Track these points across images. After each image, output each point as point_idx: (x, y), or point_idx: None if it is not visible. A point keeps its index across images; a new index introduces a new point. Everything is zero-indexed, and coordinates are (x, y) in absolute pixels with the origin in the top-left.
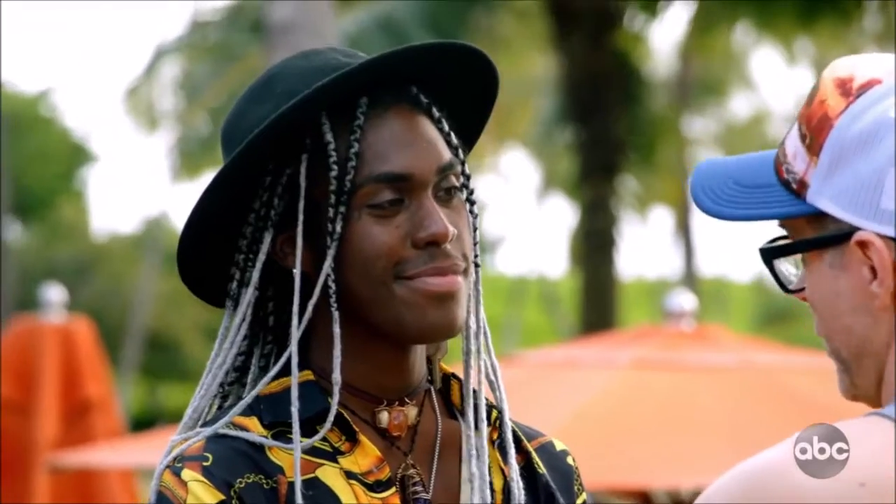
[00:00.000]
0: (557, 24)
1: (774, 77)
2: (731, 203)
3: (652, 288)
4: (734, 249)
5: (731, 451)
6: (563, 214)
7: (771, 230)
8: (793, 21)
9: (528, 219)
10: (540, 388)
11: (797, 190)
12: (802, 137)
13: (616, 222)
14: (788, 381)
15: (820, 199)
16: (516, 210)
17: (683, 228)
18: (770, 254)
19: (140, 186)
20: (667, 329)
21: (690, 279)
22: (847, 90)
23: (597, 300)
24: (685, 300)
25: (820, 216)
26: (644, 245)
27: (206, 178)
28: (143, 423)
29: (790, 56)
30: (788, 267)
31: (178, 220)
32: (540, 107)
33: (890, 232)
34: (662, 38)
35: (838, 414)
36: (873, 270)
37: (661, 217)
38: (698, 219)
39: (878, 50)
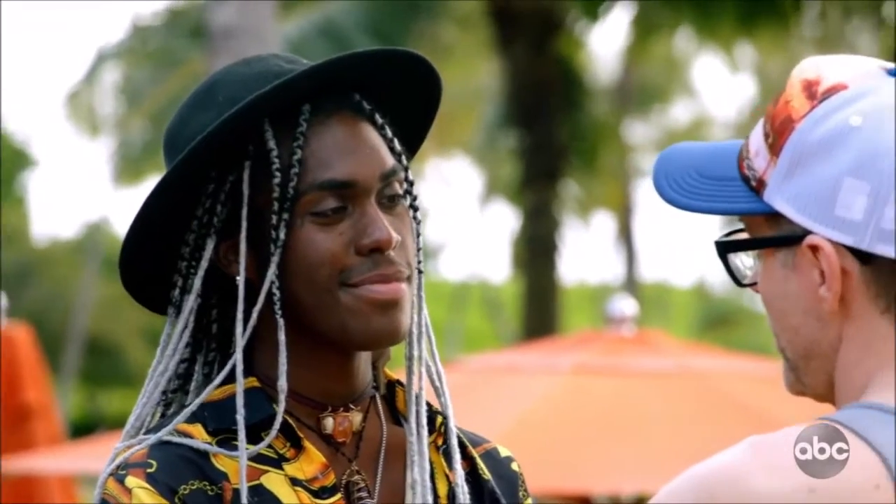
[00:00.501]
0: (500, 30)
1: (716, 84)
2: (691, 194)
3: (594, 293)
4: (675, 255)
5: (672, 457)
6: (506, 220)
7: (715, 222)
8: (733, 26)
9: (470, 224)
10: (482, 393)
11: (756, 187)
12: (766, 136)
13: (558, 227)
14: (728, 386)
15: (776, 199)
16: (459, 216)
17: (625, 233)
18: (725, 247)
19: (81, 191)
20: (608, 334)
21: (632, 284)
22: (812, 93)
23: (539, 305)
24: (626, 305)
25: (776, 215)
26: (586, 250)
27: (148, 183)
28: (83, 428)
29: (732, 63)
30: (744, 259)
31: (119, 225)
32: (482, 113)
33: (841, 238)
34: (605, 45)
35: (777, 419)
36: (823, 275)
37: (603, 222)
38: (640, 224)
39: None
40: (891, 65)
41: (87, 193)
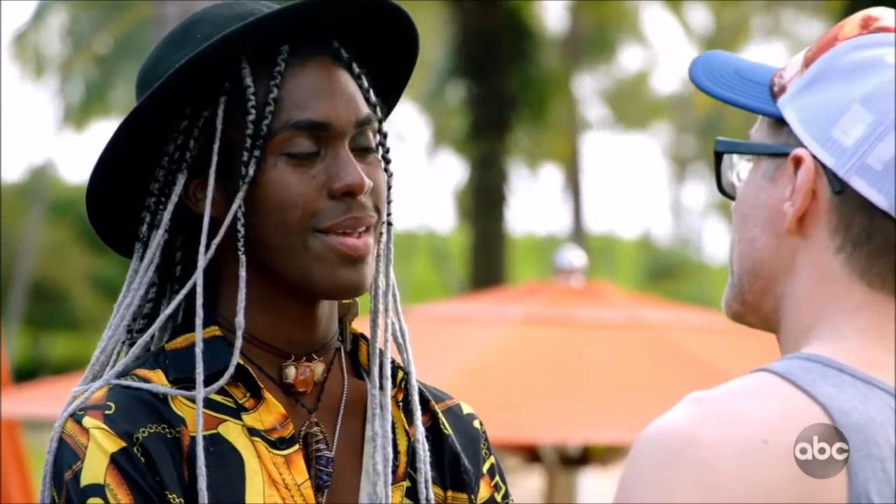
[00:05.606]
0: None
1: (666, 34)
2: (720, 84)
3: (541, 244)
4: (621, 207)
5: (619, 407)
6: (452, 170)
7: (662, 178)
8: None
9: (417, 174)
10: (430, 342)
11: (776, 93)
12: (808, 49)
13: (506, 178)
14: (676, 337)
15: (787, 106)
16: (405, 165)
17: (573, 185)
18: (722, 146)
19: (26, 135)
20: (557, 285)
21: (579, 235)
22: (866, 24)
23: (487, 256)
24: (575, 256)
25: (781, 125)
26: (534, 201)
27: (94, 127)
28: (26, 373)
29: (683, 22)
30: (741, 167)
31: (65, 169)
32: (431, 63)
33: (824, 158)
34: None
35: (724, 371)
36: (793, 192)
37: (551, 173)
38: (587, 176)
39: (768, 17)
40: None
41: (32, 137)
